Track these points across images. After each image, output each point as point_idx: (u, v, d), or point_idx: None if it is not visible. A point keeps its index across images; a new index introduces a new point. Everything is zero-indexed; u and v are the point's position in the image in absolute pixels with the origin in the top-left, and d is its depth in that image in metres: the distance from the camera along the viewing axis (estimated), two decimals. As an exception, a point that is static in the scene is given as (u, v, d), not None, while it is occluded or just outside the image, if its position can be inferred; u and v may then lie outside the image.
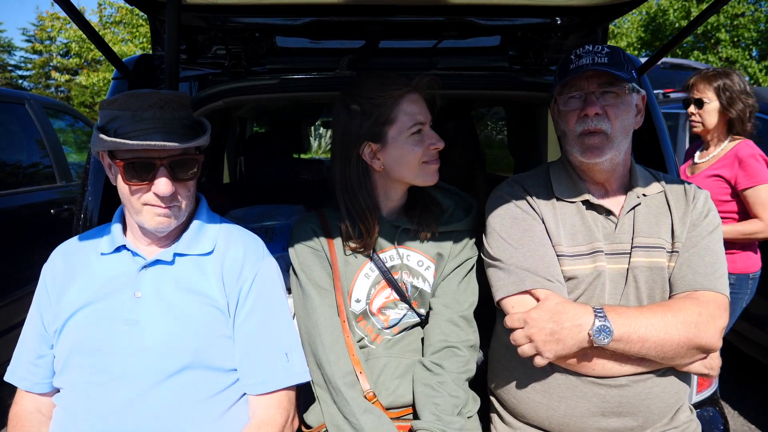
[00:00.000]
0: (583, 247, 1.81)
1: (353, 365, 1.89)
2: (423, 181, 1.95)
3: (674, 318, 1.64)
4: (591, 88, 1.77)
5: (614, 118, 1.75)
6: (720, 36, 17.50)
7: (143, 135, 1.60)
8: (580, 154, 1.78)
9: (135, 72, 2.31)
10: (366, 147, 1.91)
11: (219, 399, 1.71)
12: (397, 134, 1.89)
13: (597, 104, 1.74)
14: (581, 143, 1.78)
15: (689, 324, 1.64)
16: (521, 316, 1.67)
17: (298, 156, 5.26)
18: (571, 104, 1.80)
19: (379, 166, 1.93)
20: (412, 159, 1.90)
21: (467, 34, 2.44)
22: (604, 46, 1.79)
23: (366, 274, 1.98)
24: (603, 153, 1.75)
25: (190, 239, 1.77)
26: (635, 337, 1.62)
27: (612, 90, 1.76)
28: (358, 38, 2.40)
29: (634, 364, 1.70)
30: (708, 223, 1.81)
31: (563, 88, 1.81)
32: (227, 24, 2.20)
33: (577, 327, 1.62)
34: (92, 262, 1.77)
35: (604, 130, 1.74)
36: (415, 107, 1.89)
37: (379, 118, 1.88)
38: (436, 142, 1.91)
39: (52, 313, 1.75)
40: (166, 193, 1.63)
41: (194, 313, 1.70)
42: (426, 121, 1.91)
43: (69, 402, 1.70)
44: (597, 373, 1.71)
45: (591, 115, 1.74)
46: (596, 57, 1.75)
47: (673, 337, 1.63)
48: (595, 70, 1.74)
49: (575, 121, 1.78)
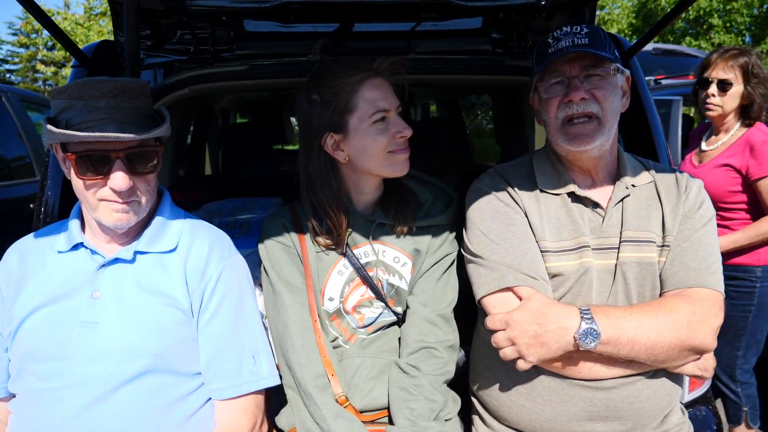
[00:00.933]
0: (569, 242, 1.72)
1: (324, 367, 1.82)
2: (391, 172, 1.85)
3: (666, 318, 1.56)
4: (574, 72, 1.67)
5: (603, 100, 1.66)
6: (712, 21, 17.47)
7: (97, 126, 1.51)
8: (567, 143, 1.69)
9: (94, 59, 2.21)
10: (328, 138, 1.82)
11: (182, 405, 1.64)
12: (358, 123, 1.79)
13: (581, 88, 1.65)
14: (565, 132, 1.68)
15: (681, 324, 1.56)
16: (503, 317, 1.59)
17: (282, 147, 5.15)
18: (553, 90, 1.70)
19: (343, 158, 1.84)
20: (376, 149, 1.80)
21: (447, 16, 2.36)
22: (583, 26, 1.70)
23: (339, 271, 1.91)
24: (593, 139, 1.66)
25: (152, 236, 1.69)
26: (624, 340, 1.54)
27: (596, 72, 1.67)
28: (332, 21, 2.32)
29: (622, 366, 1.62)
30: (701, 215, 1.72)
31: (543, 74, 1.72)
32: (191, 7, 2.10)
33: (562, 330, 1.54)
34: (48, 261, 1.69)
35: (595, 113, 1.65)
36: (377, 93, 1.79)
37: (338, 107, 1.78)
38: (403, 129, 1.80)
39: (6, 315, 1.67)
40: (122, 188, 1.54)
41: (156, 314, 1.63)
42: (390, 108, 1.80)
43: (24, 408, 1.64)
44: (583, 375, 1.63)
45: (576, 100, 1.64)
46: (576, 38, 1.66)
47: (665, 339, 1.55)
48: (576, 52, 1.64)
49: (556, 107, 1.69)
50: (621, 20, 19.61)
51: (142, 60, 2.27)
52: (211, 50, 2.27)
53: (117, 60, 2.27)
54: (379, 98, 1.78)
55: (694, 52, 9.16)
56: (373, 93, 1.78)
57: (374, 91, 1.78)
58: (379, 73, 1.80)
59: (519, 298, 1.65)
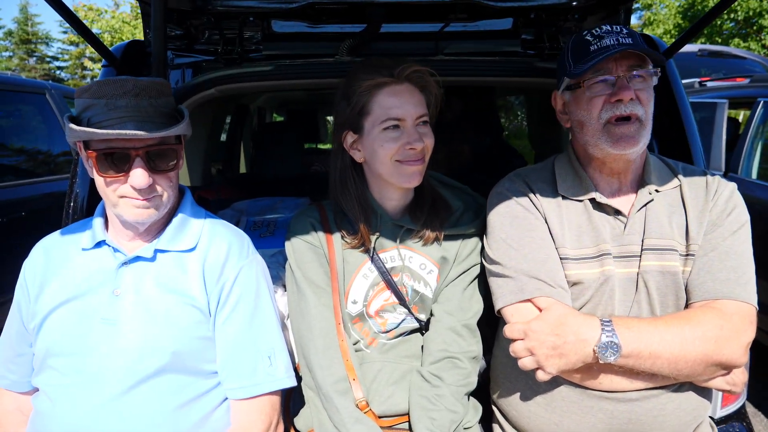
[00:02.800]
0: (590, 249, 1.67)
1: (346, 371, 1.80)
2: (398, 182, 1.81)
3: (692, 332, 1.50)
4: (621, 71, 1.60)
5: (647, 102, 1.61)
6: (763, 23, 16.89)
7: (117, 124, 1.52)
8: (610, 145, 1.61)
9: (123, 59, 2.23)
10: (348, 135, 1.83)
11: (199, 403, 1.65)
12: (371, 127, 1.78)
13: (631, 88, 1.59)
14: (610, 133, 1.61)
15: (708, 339, 1.49)
16: (521, 327, 1.55)
17: (315, 146, 5.17)
18: (597, 89, 1.63)
19: (360, 157, 1.84)
20: (383, 155, 1.77)
21: (476, 17, 2.32)
22: (623, 27, 1.64)
23: (364, 275, 1.89)
24: (637, 142, 1.60)
25: (173, 235, 1.70)
26: (646, 354, 1.48)
27: (641, 73, 1.61)
28: (359, 22, 2.30)
29: (645, 379, 1.57)
30: (732, 222, 1.64)
31: (587, 72, 1.63)
32: (219, 7, 2.11)
33: (581, 342, 1.49)
34: (73, 258, 1.71)
35: (639, 115, 1.59)
36: (393, 100, 1.75)
37: (356, 107, 1.78)
38: (414, 142, 1.74)
39: (32, 310, 1.69)
40: (142, 185, 1.55)
41: (174, 313, 1.64)
42: (405, 117, 1.75)
43: (44, 403, 1.65)
44: (604, 387, 1.59)
45: (626, 100, 1.58)
46: (620, 37, 1.60)
47: (689, 354, 1.49)
48: (623, 51, 1.57)
49: (601, 107, 1.62)
50: (667, 21, 19.13)
51: (171, 60, 2.29)
52: (239, 50, 2.28)
53: (145, 60, 2.29)
54: (395, 106, 1.74)
55: (742, 53, 8.85)
56: (389, 100, 1.75)
57: (391, 98, 1.75)
58: (401, 80, 1.76)
59: (538, 309, 1.60)
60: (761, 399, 4.02)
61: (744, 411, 2.15)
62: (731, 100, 5.04)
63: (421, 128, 1.78)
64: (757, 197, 4.24)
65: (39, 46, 32.38)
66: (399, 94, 1.75)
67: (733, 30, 18.12)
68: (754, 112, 4.74)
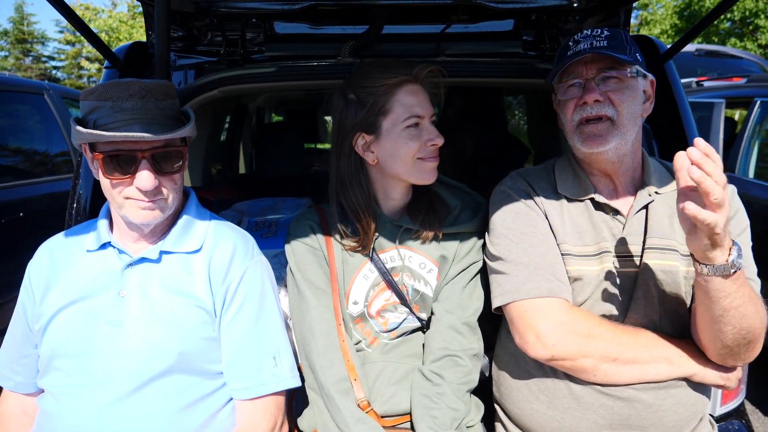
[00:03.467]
0: (591, 247, 1.70)
1: (348, 371, 1.81)
2: (417, 179, 1.83)
3: (759, 303, 1.52)
4: (590, 74, 1.65)
5: (619, 103, 1.63)
6: (759, 22, 16.94)
7: (123, 126, 1.53)
8: (581, 144, 1.67)
9: (126, 61, 2.23)
10: (359, 138, 1.82)
11: (204, 404, 1.65)
12: (391, 126, 1.78)
13: (596, 90, 1.63)
14: (580, 132, 1.67)
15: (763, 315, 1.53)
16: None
17: (314, 146, 5.17)
18: (570, 92, 1.69)
19: (372, 159, 1.83)
20: (405, 154, 1.78)
21: (478, 18, 2.33)
22: (604, 29, 1.68)
23: (365, 275, 1.89)
24: (607, 141, 1.63)
25: (178, 236, 1.70)
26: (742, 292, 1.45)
27: (613, 75, 1.64)
28: (361, 23, 2.31)
29: (636, 373, 1.59)
30: (734, 226, 1.66)
31: (561, 75, 1.70)
32: (221, 9, 2.11)
33: None
34: (77, 260, 1.71)
35: (610, 115, 1.63)
36: (413, 99, 1.77)
37: (373, 108, 1.77)
38: (435, 138, 1.79)
39: (37, 312, 1.70)
40: (148, 187, 1.56)
41: (179, 314, 1.64)
42: (425, 115, 1.79)
43: (50, 404, 1.65)
44: (598, 380, 1.60)
45: (590, 102, 1.63)
46: (595, 41, 1.64)
47: (756, 318, 1.50)
48: (594, 54, 1.62)
49: (573, 109, 1.67)
50: (664, 20, 19.16)
51: (174, 61, 2.29)
52: (241, 52, 2.28)
53: (148, 61, 2.29)
54: (415, 104, 1.77)
55: (739, 53, 8.89)
56: (409, 98, 1.77)
57: (410, 97, 1.77)
58: (417, 80, 1.79)
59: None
60: (759, 397, 4.04)
61: (743, 408, 2.17)
62: (728, 100, 5.06)
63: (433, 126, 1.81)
64: (755, 196, 4.28)
65: (35, 46, 32.23)
66: (416, 94, 1.78)
67: (730, 29, 18.16)
68: (750, 112, 4.77)
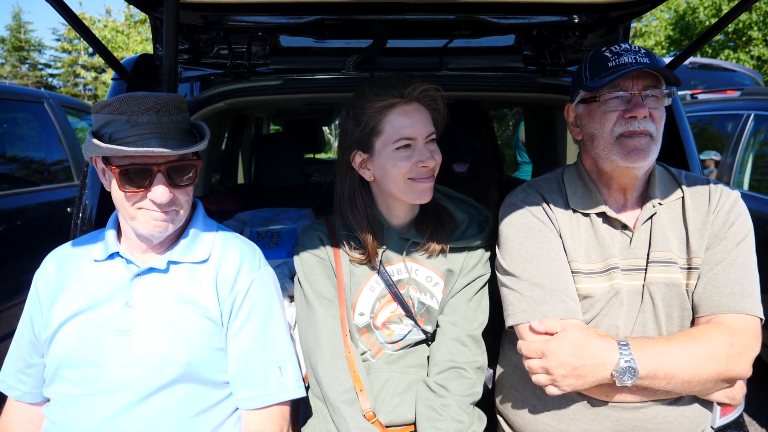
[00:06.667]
0: (598, 264, 1.70)
1: (353, 382, 1.82)
2: (411, 199, 1.84)
3: (704, 351, 1.52)
4: (636, 89, 1.64)
5: (658, 120, 1.65)
6: (752, 34, 17.03)
7: (139, 141, 1.55)
8: (621, 158, 1.64)
9: (134, 73, 2.25)
10: (357, 155, 1.84)
11: (211, 414, 1.66)
12: (382, 146, 1.79)
13: (645, 106, 1.62)
14: (622, 145, 1.64)
15: (719, 358, 1.52)
16: (539, 347, 1.55)
17: (313, 156, 5.18)
18: (612, 105, 1.66)
19: (369, 176, 1.86)
20: (396, 174, 1.79)
21: (479, 33, 2.34)
22: (640, 47, 1.68)
23: (371, 287, 1.91)
24: (648, 155, 1.63)
25: (186, 246, 1.71)
26: (662, 375, 1.50)
27: (656, 93, 1.65)
28: (365, 37, 2.32)
29: (651, 394, 1.59)
30: (735, 233, 1.66)
31: (604, 87, 1.66)
32: (228, 22, 2.13)
33: (600, 366, 1.50)
34: (85, 270, 1.72)
35: (651, 132, 1.63)
36: (404, 120, 1.77)
37: (366, 128, 1.79)
38: (426, 160, 1.77)
39: (44, 321, 1.70)
40: (163, 201, 1.58)
41: (187, 324, 1.65)
42: (417, 136, 1.77)
43: (57, 414, 1.66)
44: (612, 400, 1.62)
45: (640, 117, 1.62)
46: (638, 56, 1.64)
47: (702, 374, 1.52)
48: (639, 70, 1.61)
49: (614, 122, 1.65)
50: (658, 32, 19.29)
51: (180, 73, 2.31)
52: (247, 65, 2.29)
53: (155, 74, 2.31)
54: (406, 126, 1.76)
55: (732, 66, 8.97)
56: (400, 120, 1.76)
57: (402, 118, 1.76)
58: (411, 100, 1.78)
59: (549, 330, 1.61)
60: (756, 409, 4.07)
61: (742, 420, 2.19)
62: (721, 113, 5.12)
63: (430, 146, 1.80)
64: (750, 208, 4.30)
65: (32, 54, 32.25)
66: (409, 114, 1.77)
67: (724, 42, 18.30)
68: (745, 125, 4.82)
